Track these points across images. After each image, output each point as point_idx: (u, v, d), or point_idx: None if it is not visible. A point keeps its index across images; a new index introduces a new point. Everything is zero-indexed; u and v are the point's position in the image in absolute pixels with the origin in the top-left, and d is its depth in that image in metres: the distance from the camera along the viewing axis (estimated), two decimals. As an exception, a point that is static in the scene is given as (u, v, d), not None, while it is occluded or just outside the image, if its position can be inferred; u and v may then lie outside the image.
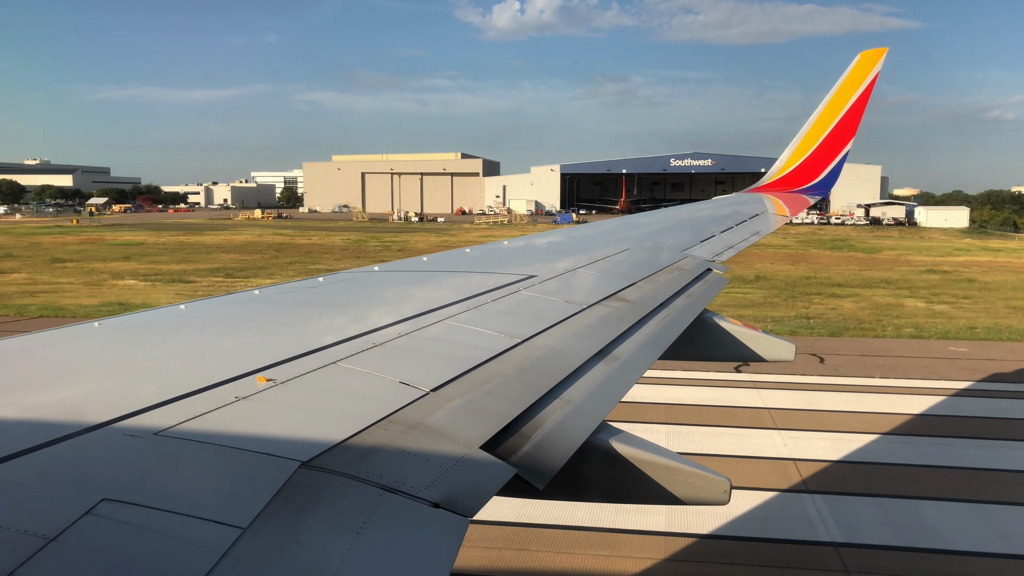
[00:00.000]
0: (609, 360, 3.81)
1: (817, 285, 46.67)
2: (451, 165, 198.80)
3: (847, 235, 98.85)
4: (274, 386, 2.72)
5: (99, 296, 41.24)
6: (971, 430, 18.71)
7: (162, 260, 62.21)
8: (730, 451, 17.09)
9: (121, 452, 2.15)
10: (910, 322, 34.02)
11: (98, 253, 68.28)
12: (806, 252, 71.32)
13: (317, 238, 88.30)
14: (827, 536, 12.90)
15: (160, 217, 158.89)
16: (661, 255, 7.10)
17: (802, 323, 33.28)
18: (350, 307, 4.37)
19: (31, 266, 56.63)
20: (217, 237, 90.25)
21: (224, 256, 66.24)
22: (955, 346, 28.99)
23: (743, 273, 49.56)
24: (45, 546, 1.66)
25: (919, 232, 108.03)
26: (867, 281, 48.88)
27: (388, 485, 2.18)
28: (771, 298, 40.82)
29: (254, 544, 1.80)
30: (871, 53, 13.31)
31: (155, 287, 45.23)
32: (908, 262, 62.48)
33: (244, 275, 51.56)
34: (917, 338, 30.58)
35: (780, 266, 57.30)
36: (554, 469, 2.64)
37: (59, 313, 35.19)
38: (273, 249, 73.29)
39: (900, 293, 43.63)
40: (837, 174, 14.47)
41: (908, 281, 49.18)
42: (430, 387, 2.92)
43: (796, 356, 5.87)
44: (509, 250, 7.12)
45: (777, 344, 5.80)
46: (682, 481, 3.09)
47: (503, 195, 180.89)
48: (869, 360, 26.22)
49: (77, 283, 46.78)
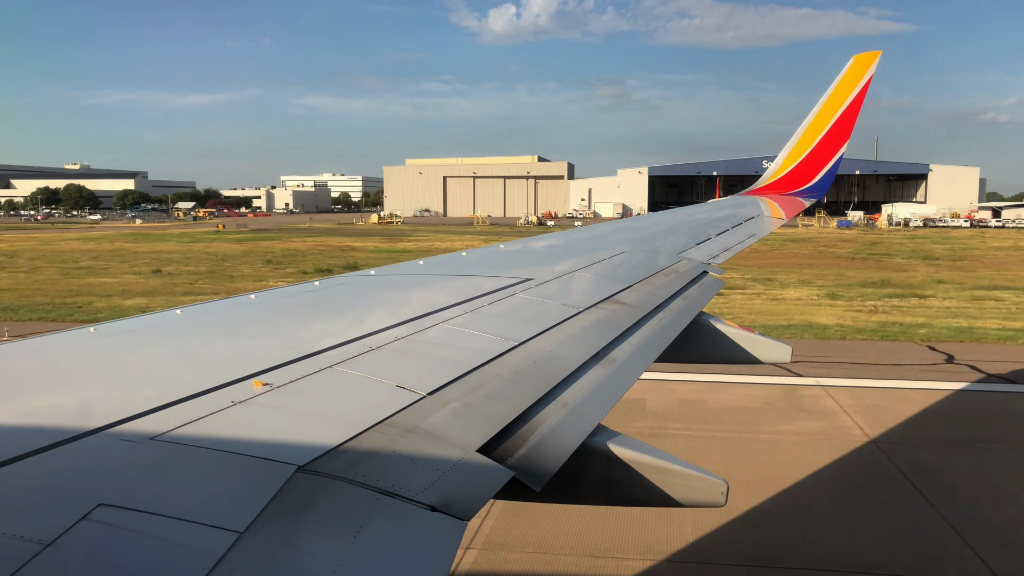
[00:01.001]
0: (606, 363, 3.82)
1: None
2: (533, 168, 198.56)
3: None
4: (270, 390, 2.72)
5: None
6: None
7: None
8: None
9: (117, 457, 2.15)
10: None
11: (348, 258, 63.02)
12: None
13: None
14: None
15: (261, 221, 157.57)
16: (657, 258, 7.12)
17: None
18: (346, 311, 4.37)
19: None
20: (411, 243, 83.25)
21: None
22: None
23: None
24: (41, 551, 1.66)
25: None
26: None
27: (385, 489, 2.18)
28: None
29: (251, 548, 1.80)
30: (865, 56, 13.38)
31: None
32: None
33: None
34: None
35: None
36: (551, 471, 2.64)
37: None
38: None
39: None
40: (832, 176, 14.54)
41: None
42: (427, 391, 2.92)
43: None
44: (505, 253, 7.13)
45: (774, 346, 5.82)
46: (679, 483, 3.10)
47: (588, 198, 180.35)
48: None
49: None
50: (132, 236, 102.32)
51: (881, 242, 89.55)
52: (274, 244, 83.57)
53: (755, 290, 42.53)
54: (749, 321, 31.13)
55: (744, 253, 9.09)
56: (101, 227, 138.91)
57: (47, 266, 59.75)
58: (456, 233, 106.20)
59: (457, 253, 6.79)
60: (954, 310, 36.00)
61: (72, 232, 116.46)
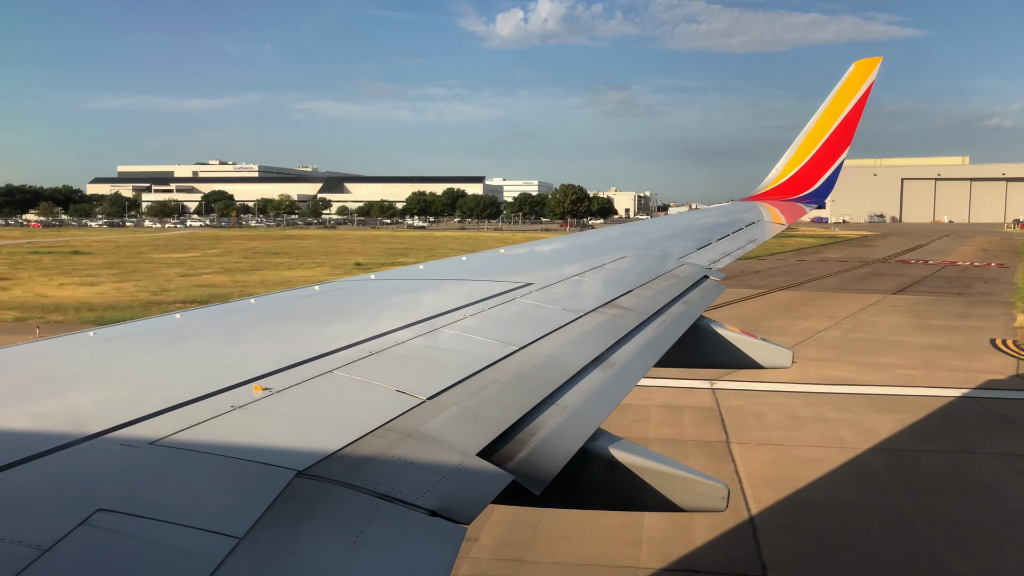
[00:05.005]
0: (606, 367, 3.81)
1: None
2: (1009, 170, 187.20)
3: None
4: (270, 395, 2.72)
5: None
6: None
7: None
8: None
9: (116, 462, 2.15)
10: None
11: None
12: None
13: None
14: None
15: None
16: (658, 262, 7.12)
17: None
18: (346, 316, 4.37)
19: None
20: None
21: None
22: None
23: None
24: (40, 556, 1.65)
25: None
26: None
27: (385, 493, 2.18)
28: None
29: (250, 554, 1.80)
30: (866, 62, 13.40)
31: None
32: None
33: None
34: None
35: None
36: (551, 475, 2.64)
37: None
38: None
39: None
40: (833, 182, 14.54)
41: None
42: (427, 395, 2.91)
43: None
44: (507, 258, 7.14)
45: (775, 351, 5.80)
46: (680, 488, 3.09)
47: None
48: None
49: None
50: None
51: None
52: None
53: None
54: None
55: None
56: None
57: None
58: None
59: (458, 257, 6.80)
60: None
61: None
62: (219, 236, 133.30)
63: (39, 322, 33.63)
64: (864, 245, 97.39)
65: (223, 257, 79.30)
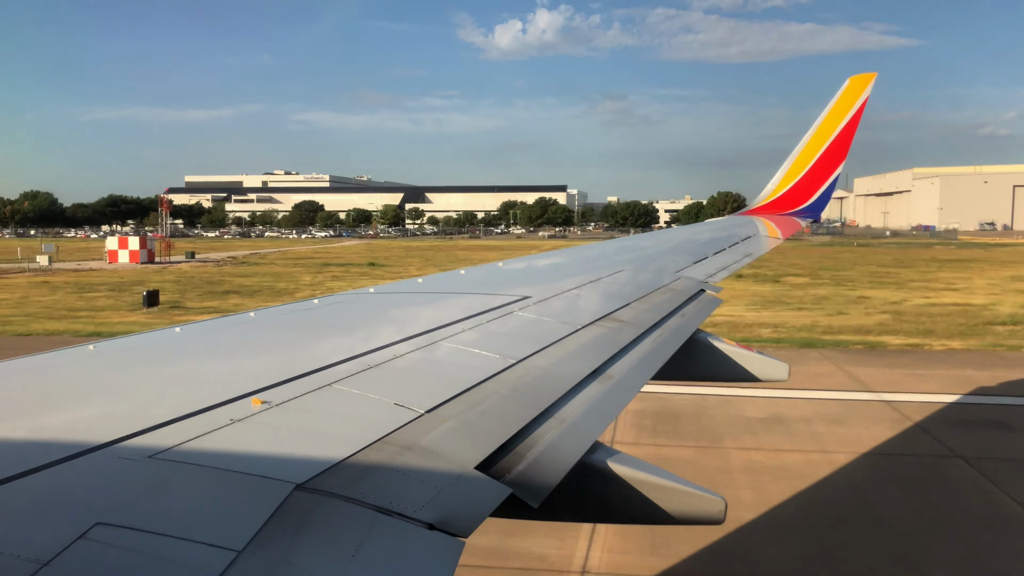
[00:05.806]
0: (603, 380, 3.82)
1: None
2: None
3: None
4: (269, 408, 2.72)
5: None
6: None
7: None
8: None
9: (115, 475, 2.15)
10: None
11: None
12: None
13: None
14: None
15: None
16: (656, 276, 7.15)
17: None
18: (344, 329, 4.38)
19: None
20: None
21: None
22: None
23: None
24: (39, 570, 1.65)
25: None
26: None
27: (383, 506, 2.18)
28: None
29: (249, 567, 1.80)
30: (861, 78, 13.51)
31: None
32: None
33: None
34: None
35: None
36: (549, 488, 2.64)
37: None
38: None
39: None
40: (828, 197, 14.63)
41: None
42: (425, 408, 2.92)
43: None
44: (505, 271, 7.16)
45: (771, 364, 5.81)
46: (678, 500, 3.09)
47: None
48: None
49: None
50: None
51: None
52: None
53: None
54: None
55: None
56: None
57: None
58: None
59: (456, 271, 6.83)
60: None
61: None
62: (438, 247, 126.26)
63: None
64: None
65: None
